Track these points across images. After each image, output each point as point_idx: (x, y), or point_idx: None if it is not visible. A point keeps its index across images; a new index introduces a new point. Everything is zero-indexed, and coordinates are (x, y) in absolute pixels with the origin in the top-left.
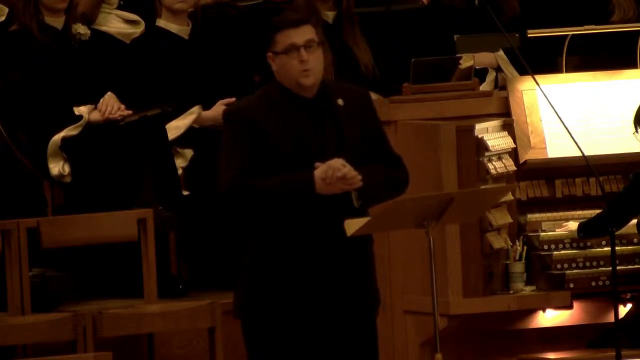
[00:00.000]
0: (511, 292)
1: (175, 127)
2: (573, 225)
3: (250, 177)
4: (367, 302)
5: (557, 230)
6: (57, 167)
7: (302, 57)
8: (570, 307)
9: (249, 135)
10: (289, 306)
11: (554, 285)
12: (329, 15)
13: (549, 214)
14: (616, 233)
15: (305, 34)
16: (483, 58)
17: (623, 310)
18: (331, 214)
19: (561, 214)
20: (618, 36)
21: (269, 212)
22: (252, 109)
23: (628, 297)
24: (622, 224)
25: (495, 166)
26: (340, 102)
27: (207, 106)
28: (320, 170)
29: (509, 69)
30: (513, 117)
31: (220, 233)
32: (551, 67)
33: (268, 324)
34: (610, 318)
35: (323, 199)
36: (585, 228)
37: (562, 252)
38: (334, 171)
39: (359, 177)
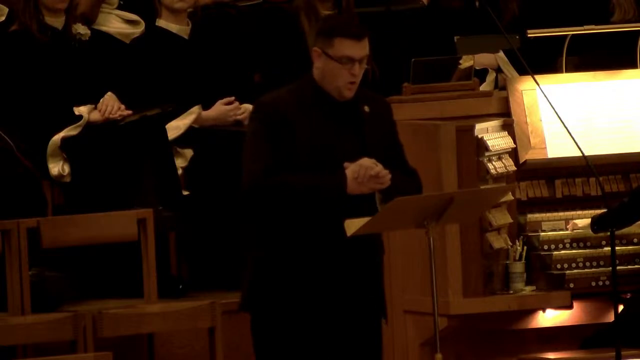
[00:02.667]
0: (511, 292)
1: (175, 127)
2: (581, 222)
3: (278, 173)
4: (374, 305)
5: (567, 227)
6: (56, 167)
7: (354, 71)
8: (570, 307)
9: (278, 130)
10: (298, 300)
11: (554, 285)
12: None
13: (549, 214)
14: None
15: (363, 48)
16: (483, 59)
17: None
18: (351, 214)
19: (561, 214)
20: (618, 36)
21: (292, 209)
22: (283, 102)
23: (628, 297)
24: (632, 221)
25: (495, 166)
26: (366, 109)
27: (207, 106)
28: (351, 169)
29: (508, 70)
30: (513, 117)
31: (220, 233)
32: (551, 67)
33: (278, 317)
34: (610, 318)
35: (345, 199)
36: (599, 222)
37: (562, 252)
38: (366, 170)
39: (389, 175)
